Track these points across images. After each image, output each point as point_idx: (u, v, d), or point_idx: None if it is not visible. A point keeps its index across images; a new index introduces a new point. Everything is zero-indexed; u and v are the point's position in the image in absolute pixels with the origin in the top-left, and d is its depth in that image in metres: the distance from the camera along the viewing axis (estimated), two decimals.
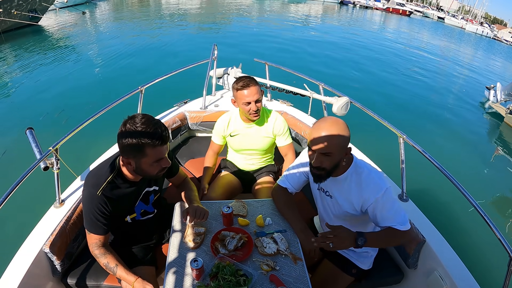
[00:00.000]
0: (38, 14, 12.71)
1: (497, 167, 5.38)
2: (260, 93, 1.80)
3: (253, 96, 1.74)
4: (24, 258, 1.39)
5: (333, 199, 1.41)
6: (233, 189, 2.06)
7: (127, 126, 1.16)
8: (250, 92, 1.74)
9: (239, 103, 1.80)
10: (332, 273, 1.53)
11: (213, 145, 2.07)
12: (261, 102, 1.82)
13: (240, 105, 1.81)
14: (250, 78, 1.79)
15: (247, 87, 1.74)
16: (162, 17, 17.54)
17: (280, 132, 1.95)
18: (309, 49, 11.56)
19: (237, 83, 1.77)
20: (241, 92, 1.75)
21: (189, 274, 1.23)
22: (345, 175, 1.33)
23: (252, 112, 1.78)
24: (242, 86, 1.74)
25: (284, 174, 1.62)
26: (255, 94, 1.75)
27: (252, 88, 1.74)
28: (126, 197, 1.37)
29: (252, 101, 1.75)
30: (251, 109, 1.77)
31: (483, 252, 3.07)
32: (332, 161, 1.23)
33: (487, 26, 41.52)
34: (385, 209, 1.28)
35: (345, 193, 1.35)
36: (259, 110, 1.80)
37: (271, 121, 1.94)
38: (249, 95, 1.74)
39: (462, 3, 62.62)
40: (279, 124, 1.94)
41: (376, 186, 1.27)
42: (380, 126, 2.16)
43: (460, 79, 11.20)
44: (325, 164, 1.24)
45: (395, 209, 1.29)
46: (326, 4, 40.98)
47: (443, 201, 3.71)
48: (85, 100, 5.78)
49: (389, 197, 1.28)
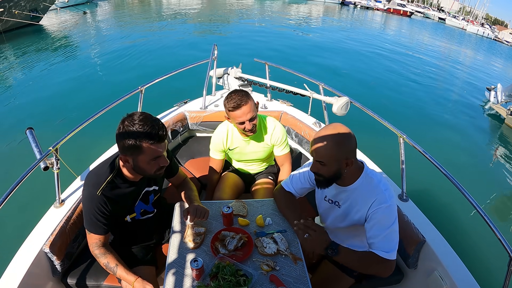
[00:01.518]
0: (39, 13, 12.74)
1: (498, 168, 5.37)
2: (255, 108, 1.69)
3: (245, 116, 1.65)
4: (24, 258, 1.39)
5: (341, 208, 1.38)
6: (238, 189, 2.06)
7: (125, 123, 1.18)
8: (242, 113, 1.64)
9: (232, 121, 1.74)
10: (333, 274, 1.52)
11: (214, 162, 1.99)
12: (256, 118, 1.74)
13: (234, 124, 1.75)
14: (242, 96, 1.65)
15: (238, 108, 1.63)
16: (163, 17, 17.55)
17: (278, 142, 1.90)
18: (309, 48, 11.57)
19: (228, 102, 1.66)
20: (233, 113, 1.66)
21: (189, 274, 1.23)
22: (354, 185, 1.30)
23: (247, 130, 1.72)
24: (234, 107, 1.64)
25: (289, 178, 1.59)
26: (248, 113, 1.65)
27: (244, 108, 1.63)
28: (126, 197, 1.37)
29: (246, 121, 1.67)
30: (245, 128, 1.71)
31: (483, 252, 3.07)
32: (328, 170, 1.22)
33: (488, 27, 41.46)
34: (379, 225, 1.22)
35: (353, 203, 1.32)
36: (255, 126, 1.73)
37: (269, 131, 1.88)
38: (242, 115, 1.65)
39: (463, 4, 62.62)
40: (277, 134, 1.88)
41: (381, 198, 1.23)
42: (380, 126, 2.16)
43: (461, 80, 11.18)
44: (321, 171, 1.24)
45: (389, 232, 1.22)
46: (327, 4, 40.96)
47: (443, 201, 3.71)
48: (85, 100, 5.79)
49: (389, 215, 1.23)
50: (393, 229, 1.23)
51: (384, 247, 1.21)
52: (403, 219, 1.69)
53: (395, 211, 1.25)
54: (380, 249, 1.21)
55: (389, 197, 1.24)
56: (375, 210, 1.23)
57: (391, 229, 1.22)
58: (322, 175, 1.25)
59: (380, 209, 1.22)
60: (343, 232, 1.44)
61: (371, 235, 1.24)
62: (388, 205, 1.23)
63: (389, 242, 1.22)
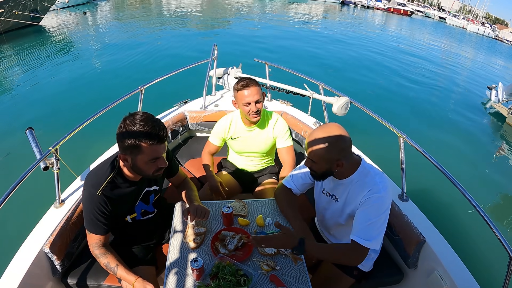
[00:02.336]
0: (39, 14, 12.73)
1: (499, 168, 5.36)
2: (261, 94, 1.78)
3: (253, 97, 1.73)
4: (24, 258, 1.39)
5: (339, 202, 1.40)
6: (231, 190, 2.05)
7: (126, 122, 1.18)
8: (250, 92, 1.73)
9: (239, 103, 1.79)
10: (333, 274, 1.53)
11: (210, 145, 2.05)
12: (262, 103, 1.80)
13: (240, 106, 1.80)
14: (251, 79, 1.78)
15: (247, 87, 1.73)
16: (163, 17, 17.56)
17: (280, 133, 1.92)
18: (309, 50, 11.56)
19: (238, 83, 1.77)
20: (241, 92, 1.74)
21: (189, 274, 1.23)
22: (350, 178, 1.32)
23: (252, 113, 1.77)
24: (243, 86, 1.74)
25: (290, 175, 1.61)
26: (255, 95, 1.73)
27: (253, 88, 1.73)
28: (126, 197, 1.37)
29: (252, 102, 1.74)
30: (251, 110, 1.76)
31: (483, 252, 3.06)
32: (319, 168, 1.26)
33: (489, 26, 41.44)
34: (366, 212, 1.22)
35: (350, 196, 1.34)
36: (259, 111, 1.79)
37: (271, 123, 1.92)
38: (249, 95, 1.73)
39: (463, 3, 62.57)
40: (279, 125, 1.92)
41: (374, 188, 1.24)
42: (380, 126, 2.15)
43: (462, 79, 11.16)
44: (313, 168, 1.28)
45: (375, 221, 1.20)
46: (327, 4, 40.94)
47: (443, 201, 3.70)
48: (86, 100, 5.78)
49: (379, 205, 1.22)
50: (380, 220, 1.22)
51: (365, 235, 1.20)
52: (403, 219, 1.69)
53: (387, 203, 1.25)
54: (359, 236, 1.21)
55: (383, 189, 1.24)
56: (367, 199, 1.24)
57: (379, 219, 1.22)
58: (314, 171, 1.30)
59: (372, 198, 1.23)
60: (344, 228, 1.45)
61: (356, 221, 1.25)
62: (380, 195, 1.23)
63: (371, 231, 1.21)
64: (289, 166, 1.93)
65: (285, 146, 1.95)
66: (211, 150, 2.07)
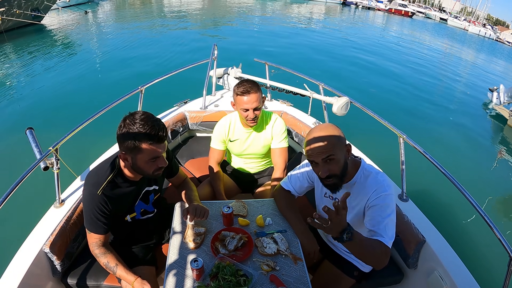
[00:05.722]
0: (40, 13, 12.76)
1: (500, 169, 5.36)
2: (261, 100, 1.74)
3: (251, 104, 1.69)
4: (24, 258, 1.39)
5: None
6: (229, 191, 2.04)
7: (126, 121, 1.19)
8: (249, 99, 1.68)
9: (238, 107, 1.76)
10: (334, 274, 1.52)
11: (214, 152, 1.96)
12: (261, 110, 1.76)
13: (238, 110, 1.77)
14: (253, 84, 1.72)
15: (247, 94, 1.68)
16: (164, 17, 17.56)
17: (276, 133, 1.89)
18: (309, 49, 11.56)
19: (238, 87, 1.72)
20: (240, 97, 1.70)
21: (189, 274, 1.23)
22: (353, 180, 1.31)
23: (249, 119, 1.74)
24: (242, 92, 1.69)
25: (288, 176, 1.59)
26: (254, 102, 1.69)
27: (252, 95, 1.68)
28: (126, 196, 1.37)
29: (251, 109, 1.70)
30: (248, 116, 1.73)
31: (483, 252, 3.06)
32: (338, 163, 1.19)
33: (490, 28, 41.30)
34: (380, 212, 1.21)
35: (353, 198, 1.31)
36: (257, 117, 1.75)
37: (270, 123, 1.90)
38: (248, 102, 1.69)
39: (465, 4, 62.52)
40: (277, 126, 1.90)
41: (380, 188, 1.24)
42: (380, 126, 2.15)
43: (463, 81, 11.16)
44: (333, 169, 1.19)
45: (389, 220, 1.20)
46: (328, 4, 40.92)
47: (443, 201, 3.70)
48: (86, 100, 5.79)
49: (389, 203, 1.22)
50: (392, 218, 1.22)
51: (387, 235, 1.17)
52: (403, 219, 1.69)
53: (394, 200, 1.26)
54: (384, 236, 1.17)
55: (388, 187, 1.25)
56: (376, 199, 1.23)
57: (391, 217, 1.21)
58: (335, 174, 1.20)
59: (381, 197, 1.22)
60: None
61: (374, 223, 1.21)
62: (388, 193, 1.23)
63: (389, 230, 1.19)
64: (280, 169, 1.91)
65: (278, 147, 1.91)
66: (217, 158, 1.97)
